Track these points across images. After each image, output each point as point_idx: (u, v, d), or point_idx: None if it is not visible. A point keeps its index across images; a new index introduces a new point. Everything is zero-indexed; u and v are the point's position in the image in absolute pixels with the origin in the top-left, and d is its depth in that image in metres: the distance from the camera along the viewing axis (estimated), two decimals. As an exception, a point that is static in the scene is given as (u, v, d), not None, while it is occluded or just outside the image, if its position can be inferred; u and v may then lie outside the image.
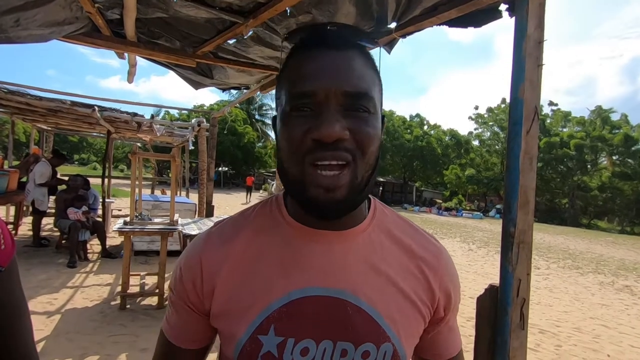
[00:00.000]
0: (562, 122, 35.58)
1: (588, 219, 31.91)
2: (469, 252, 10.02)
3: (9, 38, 1.85)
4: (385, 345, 0.53)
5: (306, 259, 0.54)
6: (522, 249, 1.22)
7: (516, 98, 1.23)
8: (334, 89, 0.48)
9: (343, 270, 0.54)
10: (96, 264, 5.25)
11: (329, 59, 0.49)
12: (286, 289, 0.53)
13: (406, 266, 0.57)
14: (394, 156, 37.31)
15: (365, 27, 2.03)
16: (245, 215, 0.60)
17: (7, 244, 0.52)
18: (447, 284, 0.59)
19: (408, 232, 0.60)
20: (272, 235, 0.56)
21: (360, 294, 0.53)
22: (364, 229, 0.57)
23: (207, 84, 3.38)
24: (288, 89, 0.51)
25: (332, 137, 0.46)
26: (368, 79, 0.51)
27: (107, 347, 2.86)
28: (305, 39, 0.53)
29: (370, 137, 0.49)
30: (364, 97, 0.49)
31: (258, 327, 0.52)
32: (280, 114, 0.53)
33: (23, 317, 0.56)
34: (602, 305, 5.88)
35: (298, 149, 0.49)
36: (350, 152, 0.48)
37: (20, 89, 4.94)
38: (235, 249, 0.56)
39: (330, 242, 0.54)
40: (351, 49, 0.51)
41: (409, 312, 0.55)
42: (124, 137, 9.40)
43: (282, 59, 0.60)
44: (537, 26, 1.24)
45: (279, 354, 0.51)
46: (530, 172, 1.24)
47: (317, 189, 0.48)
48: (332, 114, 0.47)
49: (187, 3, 1.90)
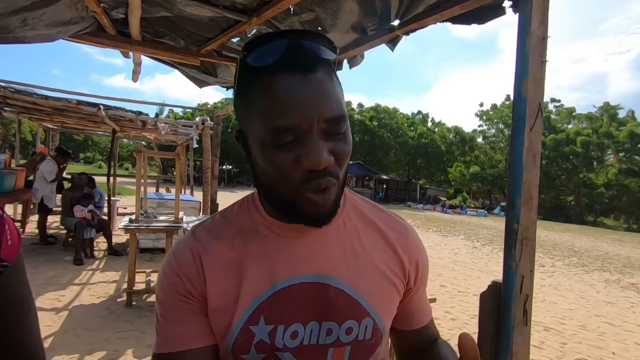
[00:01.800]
0: (567, 119, 35.29)
1: (594, 217, 31.67)
2: (473, 250, 9.99)
3: (17, 38, 1.87)
4: (366, 320, 0.58)
5: (287, 250, 0.58)
6: (525, 245, 1.22)
7: (520, 95, 1.23)
8: (316, 118, 0.48)
9: (322, 256, 0.58)
10: (102, 261, 5.30)
11: (304, 86, 0.48)
12: (272, 280, 0.56)
13: (379, 245, 0.62)
14: (397, 153, 37.20)
15: (369, 24, 2.03)
16: (226, 215, 0.63)
17: (14, 240, 0.53)
18: (416, 257, 0.65)
19: (377, 214, 0.66)
20: (253, 232, 0.59)
21: (340, 276, 0.58)
22: (338, 216, 0.60)
23: (211, 82, 3.40)
24: (264, 119, 0.49)
25: (322, 166, 0.49)
26: (340, 97, 0.52)
27: (113, 343, 2.90)
28: (271, 61, 0.49)
29: (346, 152, 0.53)
30: (342, 119, 0.51)
31: (249, 319, 0.55)
32: (256, 142, 0.52)
33: (29, 313, 0.56)
34: (608, 303, 5.85)
35: (291, 179, 0.51)
36: (335, 175, 0.52)
37: (27, 89, 5.00)
38: (220, 247, 0.58)
39: (307, 232, 0.58)
40: (321, 67, 0.50)
41: (385, 287, 0.61)
42: (128, 136, 9.47)
43: (237, 70, 0.55)
44: (540, 22, 1.24)
45: (271, 340, 0.55)
46: (534, 169, 1.24)
47: (311, 207, 0.52)
48: (317, 143, 0.49)
49: (192, 2, 1.91)
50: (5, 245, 0.51)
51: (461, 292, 5.54)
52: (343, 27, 2.03)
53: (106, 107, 5.35)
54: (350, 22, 1.99)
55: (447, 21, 1.73)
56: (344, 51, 2.32)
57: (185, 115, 26.84)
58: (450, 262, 7.85)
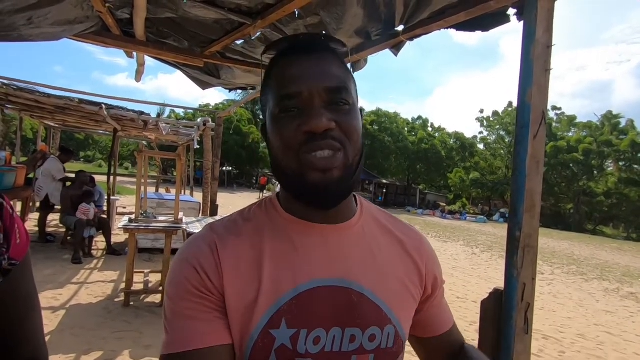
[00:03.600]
0: (568, 127, 35.36)
1: (593, 225, 31.64)
2: (472, 256, 9.97)
3: (22, 36, 1.88)
4: (388, 327, 0.57)
5: (308, 252, 0.56)
6: (527, 253, 1.22)
7: (524, 102, 1.23)
8: (316, 87, 0.53)
9: (344, 260, 0.57)
10: (101, 260, 5.29)
11: (308, 63, 0.55)
12: (293, 283, 0.54)
13: (397, 252, 0.63)
14: (397, 158, 37.23)
15: (373, 29, 2.04)
16: (244, 214, 0.62)
17: (22, 239, 0.54)
18: (432, 265, 0.66)
19: (392, 222, 0.67)
20: (272, 232, 0.58)
21: (362, 281, 0.57)
22: (357, 222, 0.61)
23: (214, 84, 3.40)
24: (275, 93, 0.56)
25: (321, 128, 0.51)
26: (344, 76, 0.56)
27: (111, 343, 2.89)
28: (284, 49, 0.58)
29: (353, 126, 0.55)
30: (343, 90, 0.55)
31: (269, 322, 0.52)
32: (269, 118, 0.57)
33: (35, 311, 0.57)
34: (607, 312, 5.83)
35: (292, 144, 0.53)
36: (339, 141, 0.53)
37: (30, 87, 5.00)
38: (239, 243, 0.56)
39: (328, 235, 0.58)
40: (325, 52, 0.57)
41: (404, 294, 0.61)
42: (129, 135, 9.47)
43: (263, 71, 0.62)
44: (545, 30, 1.25)
45: (293, 345, 0.52)
46: (537, 176, 1.24)
47: (315, 172, 0.52)
48: (317, 109, 0.53)
49: (197, 4, 1.91)
50: (14, 244, 0.51)
51: (460, 299, 5.52)
52: (347, 32, 2.04)
53: (108, 106, 5.35)
54: (354, 26, 2.00)
55: (452, 28, 1.73)
56: (348, 55, 2.33)
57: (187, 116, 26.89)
58: (449, 268, 7.83)
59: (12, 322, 0.52)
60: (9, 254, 0.51)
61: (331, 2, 1.82)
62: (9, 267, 0.51)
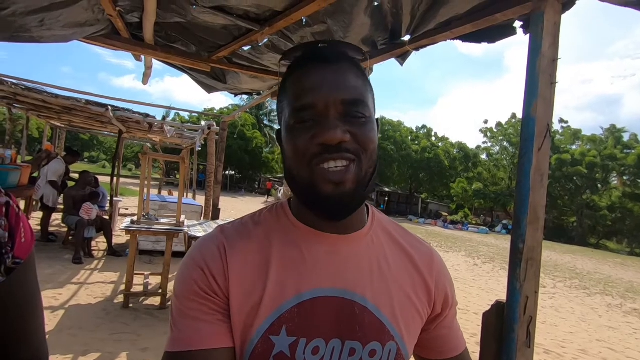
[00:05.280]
0: (572, 140, 35.30)
1: (596, 239, 31.38)
2: (474, 267, 9.89)
3: (33, 37, 1.91)
4: (390, 344, 0.55)
5: (315, 261, 0.56)
6: (530, 265, 1.21)
7: (528, 115, 1.24)
8: (332, 99, 0.52)
9: (350, 272, 0.56)
10: (101, 261, 5.29)
11: (325, 73, 0.54)
12: (297, 290, 0.54)
13: (405, 266, 0.61)
14: (400, 167, 37.20)
15: (380, 38, 2.06)
16: (254, 218, 0.62)
17: (27, 238, 0.54)
18: (443, 282, 0.63)
19: (402, 234, 0.65)
20: (281, 238, 0.58)
21: (366, 294, 0.56)
22: (367, 233, 0.60)
23: (220, 89, 3.43)
24: (290, 103, 0.55)
25: (335, 140, 0.51)
26: (361, 87, 0.56)
27: (108, 345, 2.87)
28: (301, 57, 0.58)
29: (369, 138, 0.54)
30: (359, 103, 0.54)
31: (270, 328, 0.52)
32: (284, 127, 0.57)
33: (36, 311, 0.57)
34: (610, 328, 5.75)
35: (305, 155, 0.53)
36: (354, 152, 0.53)
37: (38, 87, 5.06)
38: (248, 246, 0.56)
39: (337, 245, 0.57)
40: (343, 62, 0.56)
41: (410, 311, 0.59)
42: (134, 137, 9.53)
43: (280, 77, 0.62)
44: (551, 44, 1.25)
45: (292, 353, 0.52)
46: (541, 189, 1.24)
47: (328, 185, 0.52)
48: (332, 121, 0.52)
49: (206, 10, 1.94)
50: (19, 243, 0.52)
51: (461, 310, 5.46)
52: (354, 40, 2.05)
53: (114, 108, 5.40)
54: (361, 35, 2.02)
55: (458, 39, 1.74)
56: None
57: (191, 119, 27.04)
58: (450, 279, 7.77)
59: (14, 320, 0.52)
60: (13, 252, 0.51)
61: (338, 11, 1.83)
62: (12, 265, 0.51)
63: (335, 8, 1.79)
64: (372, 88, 0.59)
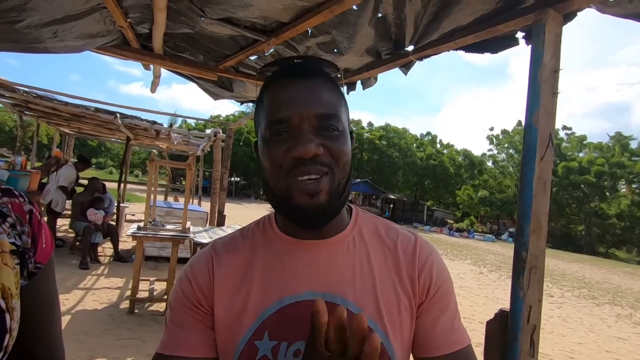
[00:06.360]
0: (578, 147, 35.03)
1: (605, 248, 30.92)
2: (479, 276, 9.80)
3: (47, 48, 1.97)
4: None
5: (295, 267, 0.59)
6: (533, 274, 1.21)
7: (530, 125, 1.25)
8: (306, 113, 0.54)
9: (330, 275, 0.59)
10: (107, 266, 5.33)
11: (300, 88, 0.56)
12: (278, 296, 0.57)
13: (388, 264, 0.61)
14: (405, 174, 37.12)
15: (384, 48, 2.09)
16: (243, 232, 0.66)
17: (48, 244, 0.57)
18: (429, 270, 0.61)
19: (385, 229, 0.66)
20: (265, 249, 0.62)
21: (347, 296, 0.58)
22: (348, 234, 0.62)
23: (226, 97, 3.48)
24: (266, 116, 0.57)
25: (309, 154, 0.53)
26: (335, 102, 0.58)
27: (114, 351, 2.89)
28: (278, 72, 0.61)
29: (342, 151, 0.56)
30: (333, 117, 0.56)
31: (254, 334, 0.56)
32: (261, 139, 0.59)
33: (55, 313, 0.60)
34: (619, 339, 5.65)
35: (281, 167, 0.55)
36: (327, 165, 0.55)
37: (48, 94, 5.17)
38: (233, 260, 0.61)
39: (317, 250, 0.60)
40: (318, 77, 0.58)
41: (397, 307, 0.59)
42: (141, 144, 9.64)
43: (258, 91, 0.65)
44: (553, 55, 1.27)
45: (274, 357, 0.55)
46: (544, 197, 1.24)
47: (302, 196, 0.53)
48: (306, 135, 0.54)
49: (214, 21, 1.98)
50: (40, 249, 0.55)
51: (466, 319, 5.41)
52: (358, 51, 2.09)
53: (122, 115, 5.49)
54: (365, 45, 2.05)
55: (461, 49, 1.77)
56: (358, 73, 2.38)
57: (197, 126, 27.30)
58: (455, 287, 7.62)
59: (34, 323, 0.55)
60: (35, 257, 0.54)
61: (343, 22, 1.87)
62: (34, 270, 0.54)
63: (340, 19, 1.83)
64: (346, 102, 0.61)
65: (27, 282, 0.53)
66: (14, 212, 0.53)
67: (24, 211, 0.54)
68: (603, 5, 1.24)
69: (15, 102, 5.46)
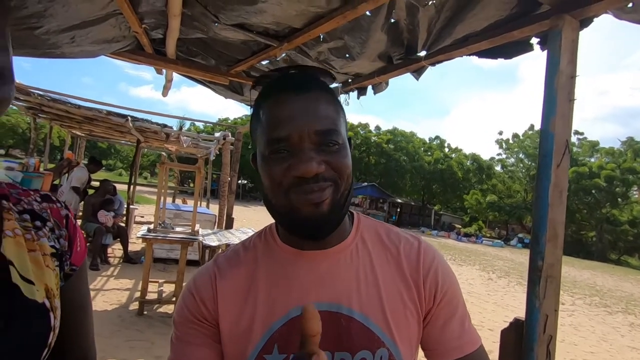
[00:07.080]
0: (590, 152, 34.51)
1: (617, 255, 30.33)
2: (488, 282, 9.67)
3: (63, 54, 2.00)
4: (381, 350, 0.56)
5: (300, 279, 0.59)
6: (550, 283, 1.20)
7: (547, 131, 1.24)
8: (305, 130, 0.53)
9: (334, 285, 0.58)
10: (117, 268, 5.39)
11: (298, 103, 0.55)
12: (285, 309, 0.57)
13: (392, 270, 0.61)
14: (413, 178, 36.92)
15: (395, 53, 2.09)
16: (245, 244, 0.66)
17: (82, 247, 0.60)
18: (433, 274, 0.61)
19: (388, 235, 0.65)
20: (268, 260, 0.61)
21: (352, 304, 0.57)
22: (350, 243, 0.62)
23: (237, 100, 3.51)
24: (264, 133, 0.56)
25: (310, 174, 0.52)
26: (333, 115, 0.57)
27: (123, 352, 2.91)
28: (274, 84, 0.59)
29: (344, 164, 0.56)
30: (332, 133, 0.55)
31: (263, 348, 0.56)
32: (260, 155, 0.58)
33: (88, 313, 0.62)
34: (633, 349, 5.53)
35: (281, 185, 0.54)
36: (330, 180, 0.54)
37: (62, 98, 5.26)
38: (236, 274, 0.61)
39: (319, 261, 0.59)
40: (314, 89, 0.57)
41: (400, 314, 0.58)
42: (151, 147, 9.76)
43: (252, 100, 0.65)
44: (569, 61, 1.26)
45: None
46: (560, 206, 1.23)
47: (306, 206, 0.53)
48: (307, 153, 0.53)
49: (227, 27, 2.00)
50: (75, 251, 0.57)
51: (475, 325, 5.33)
52: (370, 56, 2.09)
53: (133, 118, 5.56)
54: (377, 51, 2.05)
55: (474, 55, 1.76)
56: (369, 78, 2.38)
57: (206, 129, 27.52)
58: (464, 293, 7.57)
59: (70, 324, 0.57)
60: (70, 260, 0.57)
61: (355, 28, 1.87)
62: (70, 272, 0.57)
63: (353, 25, 1.83)
64: (343, 110, 0.61)
65: (64, 283, 0.55)
66: (52, 217, 0.55)
67: (61, 216, 0.57)
68: (620, 12, 1.23)
69: (29, 105, 5.57)
